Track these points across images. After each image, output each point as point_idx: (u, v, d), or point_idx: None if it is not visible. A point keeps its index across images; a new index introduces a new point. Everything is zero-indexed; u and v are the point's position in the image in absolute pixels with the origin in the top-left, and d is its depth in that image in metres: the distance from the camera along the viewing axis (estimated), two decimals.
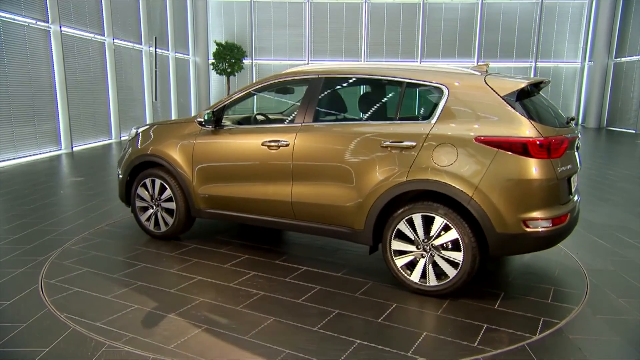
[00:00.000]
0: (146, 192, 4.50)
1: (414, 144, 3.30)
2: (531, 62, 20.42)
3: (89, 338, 2.77)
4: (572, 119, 3.78)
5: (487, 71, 3.57)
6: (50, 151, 10.21)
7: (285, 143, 3.76)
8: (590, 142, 14.56)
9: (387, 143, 3.39)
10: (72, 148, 10.79)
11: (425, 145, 3.27)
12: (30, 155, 9.56)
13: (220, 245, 4.44)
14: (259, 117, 4.76)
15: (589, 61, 19.94)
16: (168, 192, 4.37)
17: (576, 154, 3.51)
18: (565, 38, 20.28)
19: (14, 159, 9.08)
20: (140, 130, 4.71)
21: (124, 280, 3.60)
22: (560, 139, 3.17)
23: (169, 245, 4.40)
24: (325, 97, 4.02)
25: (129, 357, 2.60)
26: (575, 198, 3.53)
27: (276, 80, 4.13)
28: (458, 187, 3.14)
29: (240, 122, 4.47)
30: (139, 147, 4.54)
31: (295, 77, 4.09)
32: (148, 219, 4.55)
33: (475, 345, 2.78)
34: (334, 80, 3.99)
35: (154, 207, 4.49)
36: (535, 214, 3.08)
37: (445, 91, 3.33)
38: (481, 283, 3.62)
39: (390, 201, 3.39)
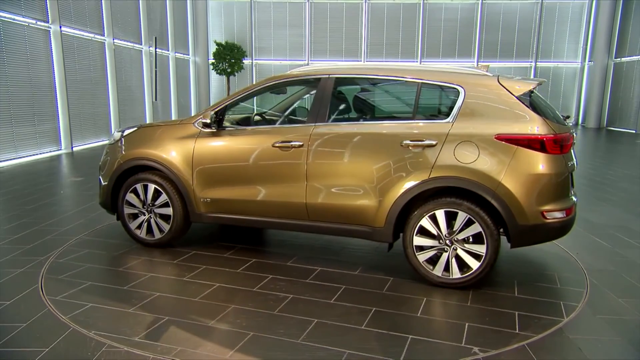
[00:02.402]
0: (136, 198, 4.26)
1: (434, 142, 3.41)
2: (531, 62, 20.41)
3: (88, 338, 2.77)
4: (567, 117, 3.97)
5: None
6: (50, 151, 10.21)
7: (298, 144, 3.74)
8: (590, 142, 14.55)
9: (408, 142, 3.47)
10: (72, 148, 10.79)
11: (446, 143, 3.39)
12: (30, 155, 9.56)
13: (220, 250, 4.31)
14: (257, 118, 4.68)
15: (589, 61, 19.94)
16: (163, 197, 4.16)
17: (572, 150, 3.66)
18: (565, 38, 20.28)
19: (14, 159, 9.08)
20: (126, 133, 4.44)
21: (139, 292, 3.42)
22: (568, 136, 3.40)
23: (166, 254, 4.21)
24: (338, 98, 4.04)
25: (129, 357, 2.60)
26: (574, 199, 3.62)
27: (285, 80, 4.08)
28: (483, 183, 3.29)
29: (238, 122, 4.35)
30: (128, 150, 4.30)
31: (306, 77, 4.07)
32: (139, 227, 4.31)
33: (517, 331, 2.92)
34: (346, 80, 4.01)
35: (147, 214, 4.27)
36: (552, 206, 3.31)
37: (462, 91, 3.47)
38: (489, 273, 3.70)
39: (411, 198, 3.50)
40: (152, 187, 4.19)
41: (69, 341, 2.74)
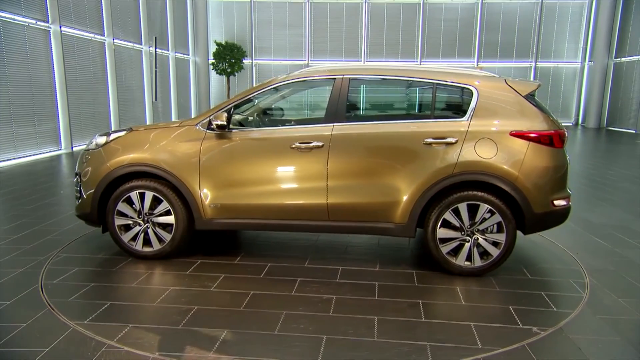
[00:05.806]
0: (130, 208, 3.96)
1: (455, 140, 3.61)
2: (531, 62, 20.41)
3: (88, 338, 2.77)
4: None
5: None
6: (50, 151, 10.21)
7: (318, 145, 3.73)
8: (590, 142, 14.55)
9: (430, 140, 3.64)
10: (72, 148, 10.80)
11: (466, 140, 3.60)
12: (30, 155, 9.57)
13: (226, 257, 4.11)
14: (256, 118, 4.60)
15: (589, 61, 19.94)
16: (164, 205, 3.90)
17: None
18: (565, 38, 20.28)
19: (14, 159, 9.09)
20: (113, 137, 4.07)
21: (174, 307, 3.18)
22: (565, 132, 3.71)
23: (170, 265, 3.92)
24: (355, 97, 4.13)
25: (128, 357, 2.60)
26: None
27: (298, 80, 4.02)
28: (504, 176, 3.56)
29: (241, 123, 4.21)
30: (119, 156, 3.93)
31: (321, 77, 4.06)
32: (134, 239, 3.99)
33: (555, 309, 3.21)
34: (362, 80, 4.11)
35: (143, 224, 3.98)
36: (558, 194, 3.65)
37: (475, 92, 3.70)
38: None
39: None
40: (150, 194, 3.91)
41: (68, 341, 2.73)
